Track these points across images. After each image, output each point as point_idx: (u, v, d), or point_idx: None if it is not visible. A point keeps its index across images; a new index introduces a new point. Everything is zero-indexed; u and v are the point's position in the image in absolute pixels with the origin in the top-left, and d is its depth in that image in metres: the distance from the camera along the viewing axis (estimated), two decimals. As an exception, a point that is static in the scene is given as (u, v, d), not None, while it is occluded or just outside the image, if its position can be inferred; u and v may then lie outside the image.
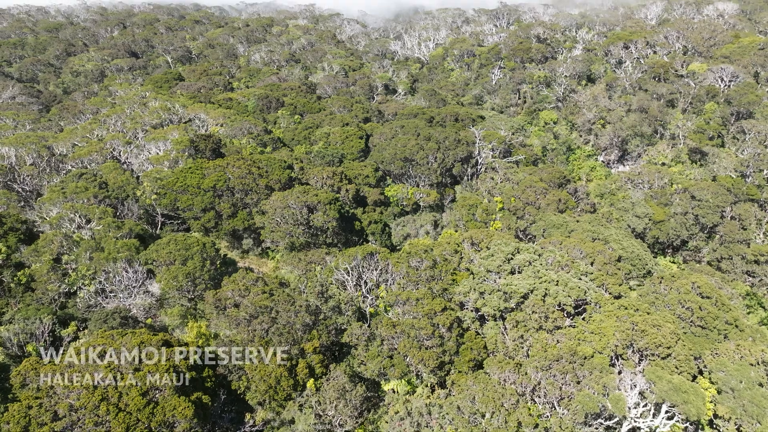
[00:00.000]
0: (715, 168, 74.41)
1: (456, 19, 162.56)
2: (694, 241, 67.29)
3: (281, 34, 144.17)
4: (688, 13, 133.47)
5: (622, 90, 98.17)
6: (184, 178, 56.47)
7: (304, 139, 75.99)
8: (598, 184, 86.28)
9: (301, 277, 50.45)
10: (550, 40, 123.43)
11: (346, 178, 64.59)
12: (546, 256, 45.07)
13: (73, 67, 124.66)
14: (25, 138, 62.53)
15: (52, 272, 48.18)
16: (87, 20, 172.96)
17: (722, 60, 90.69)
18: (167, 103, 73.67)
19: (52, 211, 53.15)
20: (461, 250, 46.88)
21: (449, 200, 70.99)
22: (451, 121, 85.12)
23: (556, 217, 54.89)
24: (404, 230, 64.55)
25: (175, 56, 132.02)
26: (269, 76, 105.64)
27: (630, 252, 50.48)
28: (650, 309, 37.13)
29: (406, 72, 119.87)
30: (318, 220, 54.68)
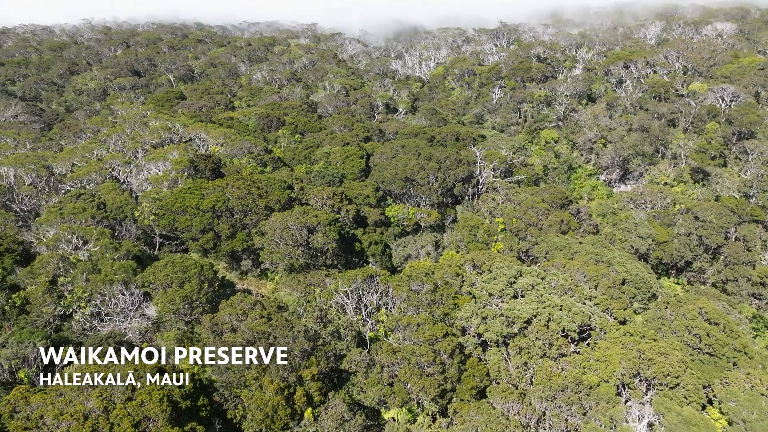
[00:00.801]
0: (718, 188, 73.89)
1: (456, 39, 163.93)
2: (698, 262, 66.44)
3: (283, 53, 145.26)
4: (687, 33, 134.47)
5: (623, 109, 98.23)
6: (183, 199, 56.03)
7: (305, 158, 75.75)
8: (599, 203, 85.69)
9: (300, 299, 49.64)
10: (550, 59, 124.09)
11: (347, 198, 64.12)
12: (549, 279, 44.31)
13: (75, 85, 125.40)
14: (25, 158, 62.32)
15: (47, 294, 47.43)
16: (91, 39, 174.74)
17: (722, 80, 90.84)
18: (168, 123, 73.63)
19: (49, 232, 52.61)
20: (463, 272, 46.14)
21: (450, 220, 70.40)
22: (452, 140, 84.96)
23: (558, 238, 54.21)
24: (405, 251, 63.85)
25: (177, 75, 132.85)
26: (270, 95, 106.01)
27: (634, 275, 49.69)
28: (657, 335, 36.25)
29: (406, 91, 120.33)
30: (318, 241, 54.06)
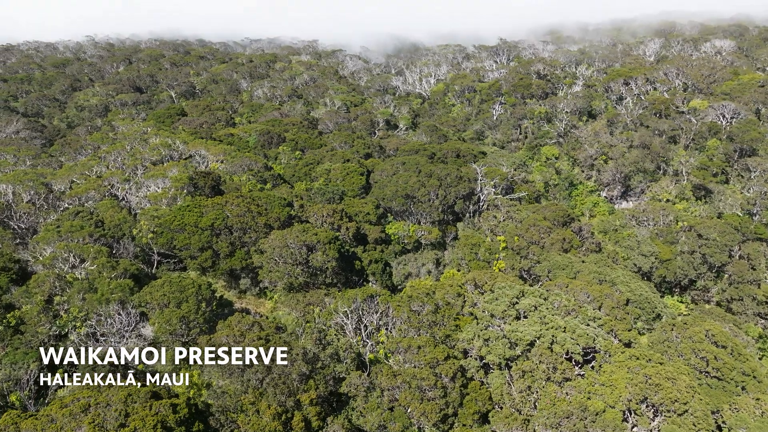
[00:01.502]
0: (720, 206, 73.40)
1: (456, 55, 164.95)
2: (702, 280, 65.70)
3: (284, 69, 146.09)
4: (686, 50, 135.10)
5: (624, 126, 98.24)
6: (182, 217, 55.56)
7: (305, 175, 75.47)
8: (601, 220, 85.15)
9: (299, 319, 48.92)
10: (550, 76, 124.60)
11: (347, 216, 63.64)
12: (552, 299, 43.59)
13: (77, 101, 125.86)
14: (23, 175, 62.06)
15: (42, 314, 46.75)
16: (94, 56, 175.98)
17: (723, 97, 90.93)
18: (168, 140, 73.52)
19: (46, 250, 52.06)
20: (464, 292, 45.44)
21: (451, 238, 69.82)
22: (452, 157, 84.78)
23: (561, 257, 53.58)
24: (405, 269, 63.17)
25: (178, 91, 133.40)
26: (271, 111, 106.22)
27: (638, 295, 48.95)
28: (663, 359, 35.44)
29: (407, 107, 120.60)
30: (317, 260, 53.46)
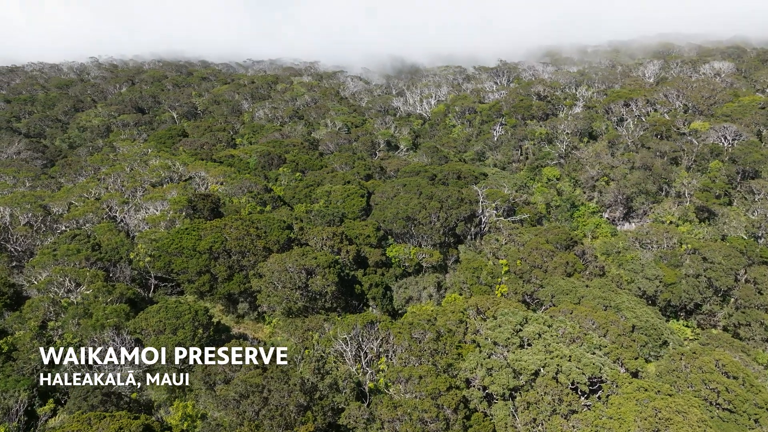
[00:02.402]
0: (725, 228, 72.64)
1: (457, 77, 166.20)
2: (708, 304, 64.58)
3: (285, 90, 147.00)
4: (685, 72, 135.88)
5: (625, 147, 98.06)
6: (180, 240, 54.91)
7: (305, 197, 75.01)
8: (603, 241, 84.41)
9: (298, 346, 47.86)
10: (551, 97, 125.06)
11: (347, 239, 62.95)
12: (556, 326, 42.60)
13: (80, 122, 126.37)
14: (21, 197, 61.65)
15: (35, 340, 45.80)
16: (97, 77, 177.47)
17: (724, 119, 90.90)
18: (168, 161, 73.29)
19: (41, 274, 51.29)
20: (466, 319, 44.47)
21: (453, 260, 68.99)
22: (453, 178, 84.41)
23: (564, 282, 52.69)
24: (406, 293, 62.22)
25: (180, 112, 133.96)
26: (272, 132, 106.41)
27: (644, 321, 47.92)
28: (672, 390, 34.34)
29: (408, 128, 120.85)
30: (316, 284, 52.60)
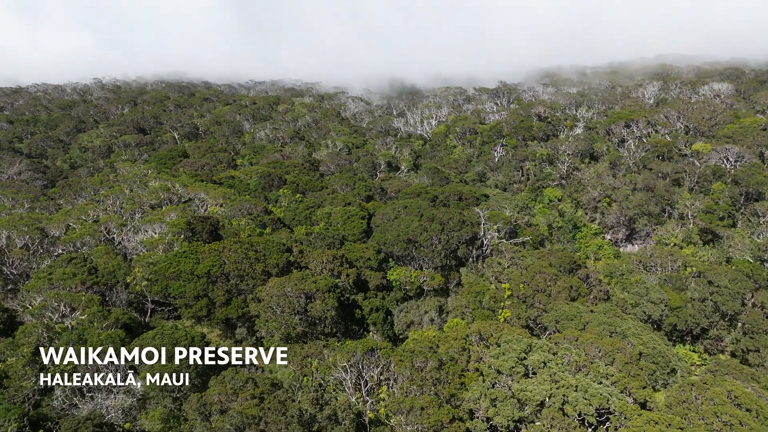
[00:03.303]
0: (730, 251, 71.80)
1: (457, 98, 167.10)
2: (715, 329, 63.40)
3: (287, 111, 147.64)
4: (684, 93, 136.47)
5: (626, 168, 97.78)
6: (178, 264, 54.14)
7: (305, 218, 74.42)
8: (606, 263, 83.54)
9: (296, 373, 46.73)
10: (551, 118, 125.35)
11: (347, 262, 62.15)
12: (561, 354, 41.53)
13: (81, 142, 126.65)
14: (19, 219, 61.10)
15: (28, 367, 44.75)
16: (100, 98, 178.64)
17: (725, 140, 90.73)
18: (167, 183, 72.92)
19: (35, 299, 50.40)
20: (469, 346, 43.41)
21: (454, 284, 68.04)
22: (454, 200, 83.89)
23: (568, 307, 51.69)
24: (408, 317, 61.17)
25: (182, 132, 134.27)
26: (273, 153, 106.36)
27: (651, 348, 46.81)
28: (683, 423, 33.17)
29: (408, 149, 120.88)
30: (316, 309, 51.65)
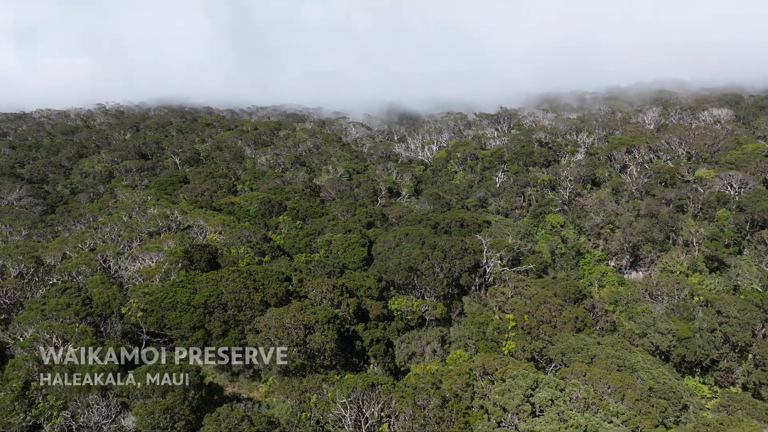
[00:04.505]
0: (737, 279, 70.53)
1: (458, 123, 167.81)
2: (725, 361, 61.70)
3: (288, 137, 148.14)
4: (684, 119, 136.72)
5: (629, 194, 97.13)
6: (174, 294, 53.02)
7: (305, 246, 73.47)
8: (611, 290, 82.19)
9: (294, 409, 45.16)
10: (552, 143, 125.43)
11: (347, 291, 60.95)
12: (569, 390, 40.02)
13: (83, 168, 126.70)
14: (14, 248, 60.20)
15: (17, 402, 43.26)
16: (103, 123, 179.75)
17: (728, 166, 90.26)
18: (166, 210, 72.21)
19: (27, 330, 49.13)
20: (473, 382, 41.91)
21: (457, 313, 66.65)
22: (456, 226, 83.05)
23: (575, 339, 50.26)
24: (409, 348, 59.63)
25: (183, 158, 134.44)
26: (274, 179, 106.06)
27: (662, 383, 45.24)
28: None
29: (409, 174, 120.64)
30: (315, 341, 50.26)
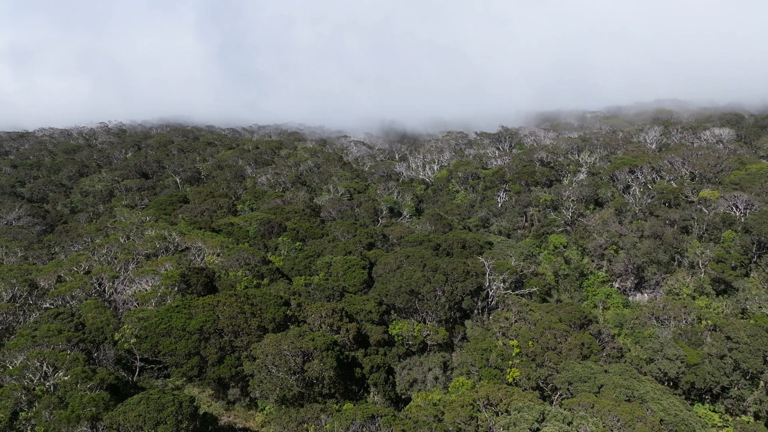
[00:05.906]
0: (746, 303, 69.03)
1: (459, 142, 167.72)
2: (735, 388, 59.89)
3: (289, 156, 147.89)
4: (686, 138, 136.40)
5: (633, 215, 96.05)
6: (169, 319, 51.69)
7: (305, 268, 72.24)
8: (615, 312, 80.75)
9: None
10: (554, 163, 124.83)
11: (347, 315, 59.52)
12: (577, 424, 38.44)
13: (83, 187, 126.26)
14: (8, 271, 59.11)
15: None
16: (104, 142, 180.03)
17: (733, 187, 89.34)
18: (164, 232, 71.25)
19: (17, 358, 47.74)
20: (476, 414, 40.34)
21: (459, 338, 65.12)
22: (458, 248, 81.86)
23: (581, 367, 48.71)
24: (410, 375, 57.96)
25: (184, 177, 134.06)
26: (274, 198, 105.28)
27: (673, 414, 43.59)
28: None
29: (411, 194, 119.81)
30: (314, 369, 48.77)
